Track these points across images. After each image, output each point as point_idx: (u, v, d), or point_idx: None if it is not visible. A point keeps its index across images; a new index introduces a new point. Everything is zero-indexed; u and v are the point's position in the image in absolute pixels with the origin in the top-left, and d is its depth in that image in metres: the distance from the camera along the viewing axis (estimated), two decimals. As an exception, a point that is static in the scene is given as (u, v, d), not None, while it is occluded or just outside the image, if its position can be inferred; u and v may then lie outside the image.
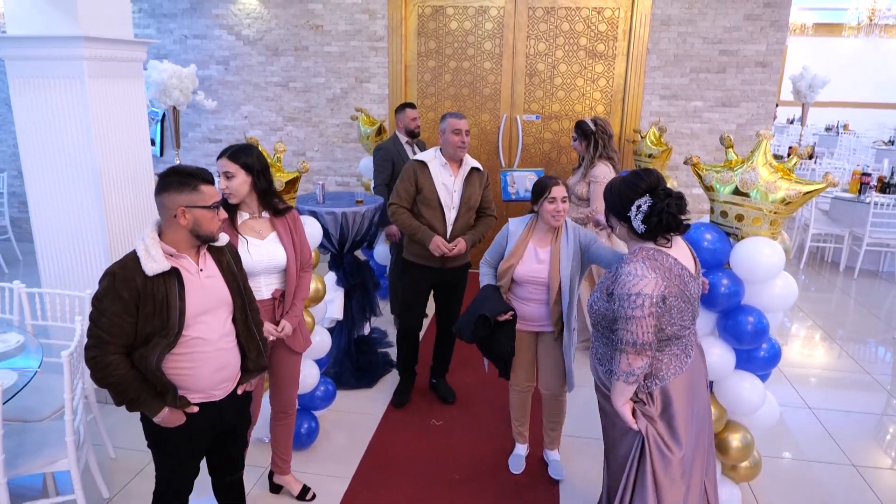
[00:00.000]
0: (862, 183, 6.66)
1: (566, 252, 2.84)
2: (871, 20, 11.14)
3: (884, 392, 4.21)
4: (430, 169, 3.46)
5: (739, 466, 2.85)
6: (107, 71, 3.32)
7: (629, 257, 2.15)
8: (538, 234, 2.91)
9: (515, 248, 2.90)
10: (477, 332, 2.84)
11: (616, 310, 2.12)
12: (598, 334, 2.33)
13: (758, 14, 5.42)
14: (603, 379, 2.32)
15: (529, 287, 2.91)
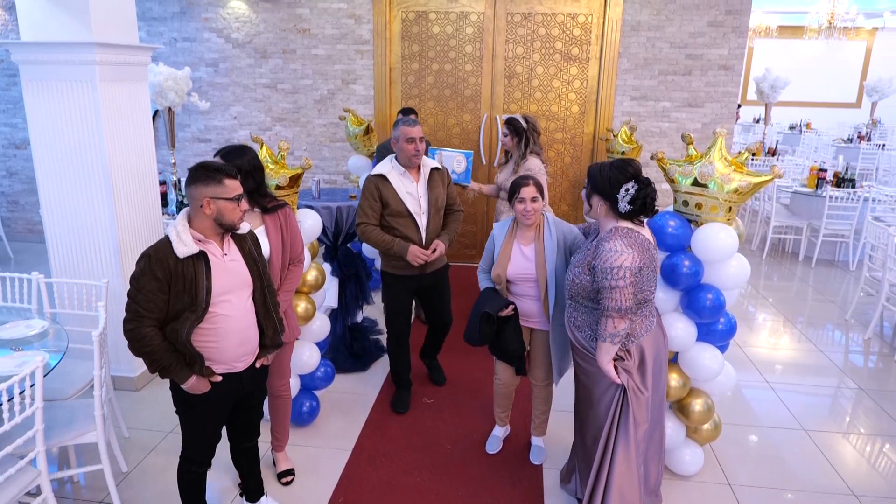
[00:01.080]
0: (819, 178, 7.10)
1: (550, 246, 2.95)
2: (831, 23, 11.64)
3: (837, 370, 4.59)
4: (391, 181, 3.44)
5: (701, 429, 3.19)
6: (116, 75, 3.54)
7: (608, 235, 2.47)
8: (521, 232, 3.02)
9: (503, 250, 3.02)
10: (483, 330, 2.94)
11: (599, 281, 2.44)
12: (577, 305, 2.65)
13: (720, 20, 5.79)
14: (584, 343, 2.64)
15: (523, 285, 3.03)
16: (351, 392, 4.03)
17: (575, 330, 2.69)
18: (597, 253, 2.47)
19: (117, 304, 3.54)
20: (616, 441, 2.60)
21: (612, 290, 2.41)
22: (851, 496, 3.17)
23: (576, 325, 2.68)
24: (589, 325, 2.61)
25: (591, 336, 2.61)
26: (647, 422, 2.64)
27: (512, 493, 3.09)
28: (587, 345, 2.63)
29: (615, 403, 2.60)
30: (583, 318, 2.64)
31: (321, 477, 3.18)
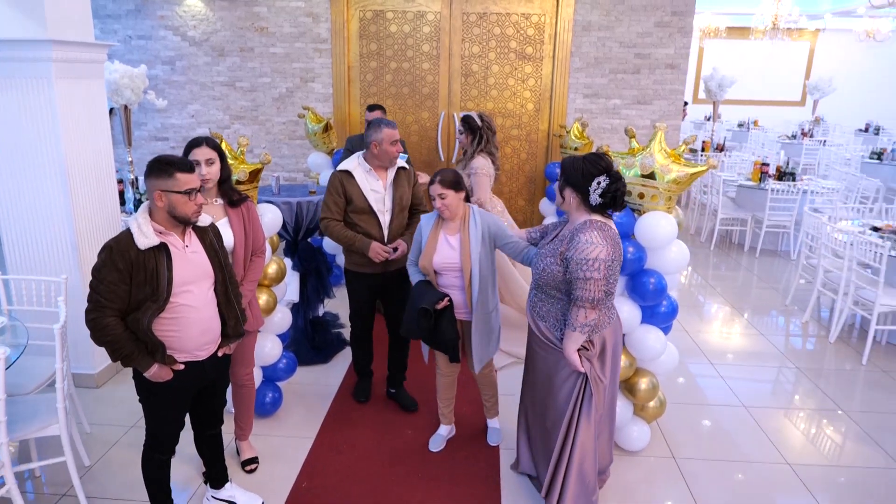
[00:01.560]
0: (762, 172, 7.44)
1: (475, 236, 3.02)
2: (775, 25, 12.12)
3: (777, 353, 4.87)
4: (356, 177, 3.44)
5: (648, 406, 3.38)
6: (72, 72, 3.55)
7: (582, 227, 2.53)
8: (447, 224, 3.10)
9: (429, 241, 3.08)
10: (422, 325, 3.00)
11: (573, 272, 2.49)
12: (544, 295, 2.72)
13: (667, 21, 6.04)
14: (546, 333, 2.73)
15: (448, 275, 3.09)
16: (313, 383, 4.11)
17: (538, 319, 2.77)
18: (571, 244, 2.51)
19: (76, 301, 3.56)
20: (577, 427, 2.71)
21: (587, 282, 2.47)
22: (785, 465, 3.40)
23: (539, 314, 2.76)
24: (554, 314, 2.69)
25: (556, 325, 2.70)
26: (603, 408, 2.78)
27: (469, 472, 3.23)
28: (550, 334, 2.72)
29: (577, 391, 2.69)
30: (548, 308, 2.71)
31: (285, 464, 3.27)
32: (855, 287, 4.84)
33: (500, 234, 3.07)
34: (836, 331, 5.03)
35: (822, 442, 3.67)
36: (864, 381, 4.41)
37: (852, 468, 3.40)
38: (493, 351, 3.25)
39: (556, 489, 2.77)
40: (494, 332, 3.23)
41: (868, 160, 9.60)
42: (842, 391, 4.24)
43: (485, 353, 3.21)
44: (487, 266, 3.08)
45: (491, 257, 3.11)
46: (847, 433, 3.74)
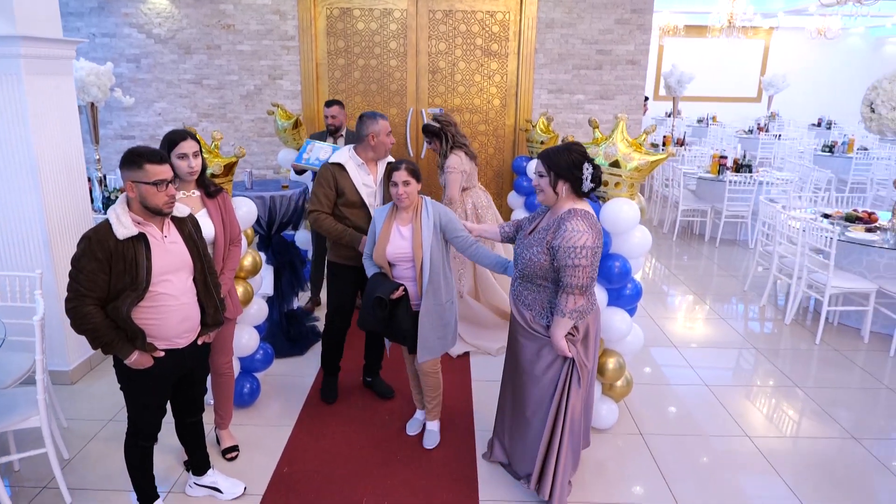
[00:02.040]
0: (720, 165, 7.72)
1: (426, 226, 3.04)
2: (731, 23, 12.50)
3: (737, 335, 5.09)
4: (349, 170, 3.46)
5: (616, 385, 3.53)
6: (41, 68, 3.55)
7: (567, 216, 2.60)
8: (400, 214, 3.11)
9: (382, 232, 3.09)
10: (377, 315, 3.01)
11: (561, 259, 2.56)
12: (528, 284, 2.79)
13: (626, 18, 6.23)
14: (530, 321, 2.80)
15: (401, 266, 3.11)
16: (290, 375, 4.17)
17: (523, 308, 2.83)
18: (558, 233, 2.59)
19: (49, 297, 3.56)
20: (566, 412, 2.80)
21: (576, 269, 2.54)
22: (746, 438, 3.58)
23: (525, 303, 2.82)
24: (540, 303, 2.76)
25: (541, 314, 2.77)
26: (587, 392, 2.90)
27: (446, 453, 3.33)
28: (535, 323, 2.79)
29: (563, 376, 2.77)
30: (533, 297, 2.78)
31: (265, 452, 3.32)
32: (808, 271, 5.09)
33: (450, 226, 3.10)
34: (792, 313, 5.28)
35: (780, 417, 3.87)
36: (818, 360, 4.65)
37: (809, 439, 3.60)
38: (445, 346, 3.21)
39: (549, 474, 2.84)
40: (449, 327, 3.19)
41: (820, 153, 10.00)
42: (798, 370, 4.47)
43: (433, 345, 3.16)
44: (439, 256, 3.09)
45: (443, 248, 3.13)
46: (803, 408, 3.95)
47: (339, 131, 5.10)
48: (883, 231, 5.14)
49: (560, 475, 2.84)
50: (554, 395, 2.81)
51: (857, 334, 5.05)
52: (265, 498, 2.97)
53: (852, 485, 3.20)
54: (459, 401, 3.87)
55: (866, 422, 3.79)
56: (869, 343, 4.90)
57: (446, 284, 3.14)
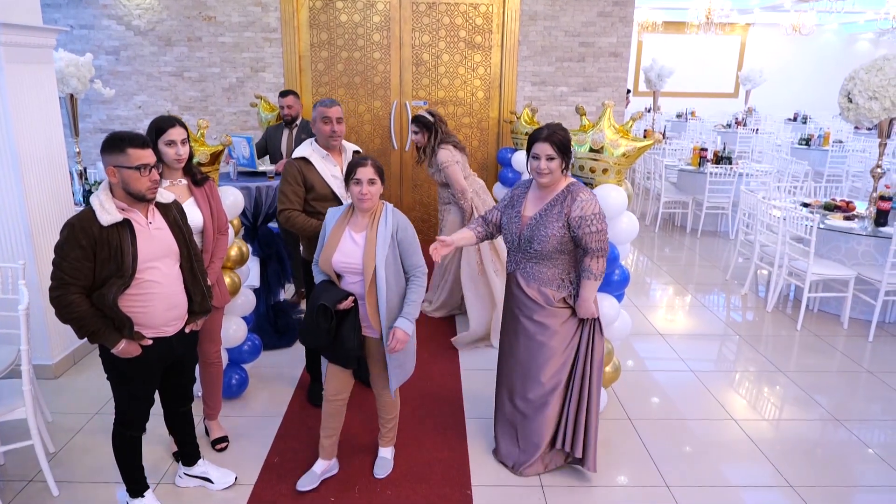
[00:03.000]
0: (701, 157, 7.81)
1: (383, 236, 2.65)
2: (708, 18, 12.65)
3: (720, 322, 5.16)
4: (314, 163, 3.33)
5: (604, 371, 3.55)
6: (21, 56, 3.48)
7: (573, 189, 2.78)
8: (355, 219, 2.73)
9: (332, 235, 2.71)
10: (321, 326, 2.62)
11: (584, 228, 2.74)
12: (547, 261, 2.86)
13: (608, 11, 6.28)
14: (549, 296, 2.89)
15: (348, 279, 2.72)
16: (278, 366, 4.14)
17: (543, 287, 2.89)
18: (574, 204, 2.75)
19: (31, 290, 3.49)
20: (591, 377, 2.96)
21: (599, 233, 2.75)
22: (731, 421, 3.64)
23: (542, 280, 2.89)
24: (558, 276, 2.88)
25: (561, 286, 2.89)
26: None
27: (437, 440, 3.34)
28: (551, 297, 2.89)
29: (586, 338, 2.94)
30: (552, 272, 2.88)
31: (255, 441, 3.30)
32: (789, 259, 5.17)
33: (406, 243, 2.71)
34: (773, 301, 5.37)
35: (763, 400, 3.94)
36: (799, 345, 4.73)
37: (792, 422, 3.67)
38: (405, 373, 2.90)
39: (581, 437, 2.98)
40: (408, 353, 2.86)
41: (797, 146, 10.17)
42: (780, 355, 4.54)
43: (403, 373, 2.89)
44: (394, 273, 2.70)
45: (399, 264, 2.73)
46: (786, 392, 4.02)
47: (294, 121, 5.12)
48: (861, 219, 5.24)
49: (593, 430, 2.99)
50: (577, 361, 2.96)
51: (837, 320, 5.15)
52: (256, 487, 2.95)
53: (835, 465, 3.26)
54: (450, 388, 3.88)
55: (847, 405, 3.87)
56: (848, 329, 5.00)
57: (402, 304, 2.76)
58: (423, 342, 4.52)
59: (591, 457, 3.00)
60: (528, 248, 2.88)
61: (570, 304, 2.92)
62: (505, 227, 3.02)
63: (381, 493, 2.92)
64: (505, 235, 3.03)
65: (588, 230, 2.74)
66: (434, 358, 4.29)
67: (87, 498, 2.87)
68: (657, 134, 3.23)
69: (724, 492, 3.03)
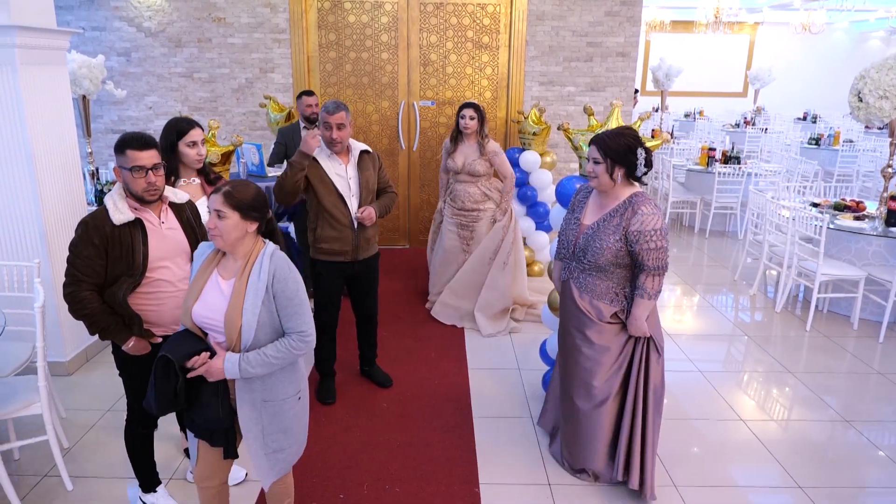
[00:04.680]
0: (709, 157, 7.79)
1: (255, 287, 2.06)
2: (717, 17, 12.60)
3: (729, 323, 5.16)
4: (320, 161, 3.38)
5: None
6: (36, 59, 3.53)
7: (637, 200, 2.63)
8: (225, 261, 2.16)
9: (196, 279, 2.17)
10: (160, 387, 2.06)
11: (641, 244, 2.59)
12: (600, 273, 2.74)
13: (616, 11, 6.28)
14: (605, 314, 2.76)
15: (213, 336, 2.17)
16: (287, 365, 4.17)
17: (595, 300, 2.79)
18: (634, 218, 2.61)
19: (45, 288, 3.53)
20: (646, 389, 2.81)
21: (657, 251, 2.60)
22: (740, 421, 3.64)
23: (596, 293, 2.78)
24: (613, 290, 2.76)
25: (614, 300, 2.76)
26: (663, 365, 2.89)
27: (444, 438, 3.36)
28: (603, 311, 2.77)
29: (639, 357, 2.79)
30: (605, 285, 2.76)
31: (265, 439, 3.33)
32: (798, 259, 5.16)
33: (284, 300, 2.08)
34: (782, 301, 5.35)
35: (772, 400, 3.94)
36: (808, 346, 4.72)
37: (802, 423, 3.67)
38: (286, 461, 2.27)
39: (637, 460, 2.84)
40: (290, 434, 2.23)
41: (807, 145, 10.13)
42: (788, 356, 4.54)
43: (261, 462, 2.22)
44: (271, 336, 2.11)
45: (275, 328, 2.12)
46: (795, 392, 4.02)
47: (317, 121, 5.14)
48: (871, 219, 5.22)
49: (649, 458, 2.85)
50: (629, 382, 2.82)
51: (847, 321, 5.13)
52: (267, 484, 2.98)
53: (844, 467, 3.26)
54: (457, 387, 3.90)
55: (857, 406, 3.86)
56: (858, 329, 4.98)
57: (280, 372, 2.16)
58: (431, 340, 4.56)
59: (648, 487, 2.86)
60: (581, 258, 2.78)
61: (622, 320, 2.80)
62: (562, 232, 2.92)
63: (389, 491, 2.94)
64: (560, 241, 2.93)
65: (646, 246, 2.60)
66: (441, 356, 4.31)
67: (101, 492, 2.91)
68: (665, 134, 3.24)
69: (733, 492, 3.04)
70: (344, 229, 3.46)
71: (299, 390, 2.25)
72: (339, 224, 3.45)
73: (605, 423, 2.90)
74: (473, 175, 4.72)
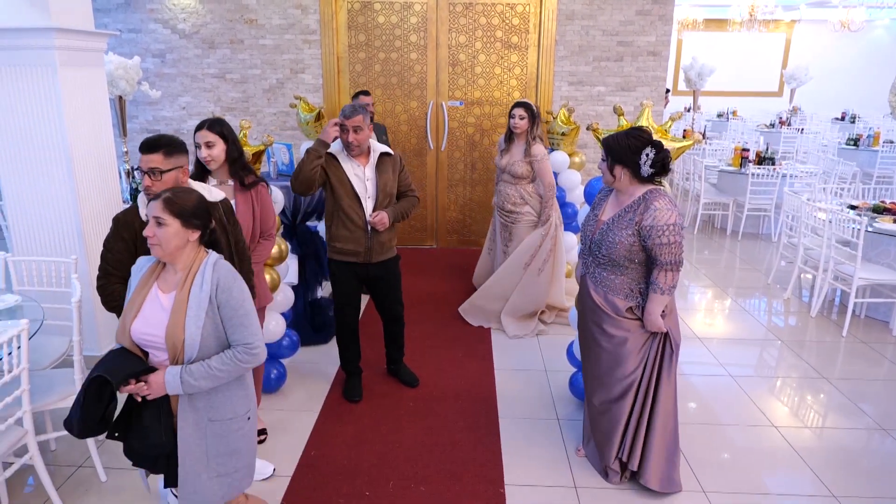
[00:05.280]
0: (742, 157, 7.65)
1: (197, 297, 1.97)
2: (752, 15, 12.37)
3: (761, 327, 5.06)
4: (340, 161, 3.37)
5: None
6: (74, 60, 3.63)
7: (651, 196, 2.66)
8: (166, 273, 2.06)
9: (134, 295, 2.04)
10: (89, 410, 1.92)
11: (654, 238, 2.63)
12: (615, 268, 2.77)
13: (647, 9, 6.20)
14: (621, 309, 2.80)
15: (154, 355, 2.04)
16: (314, 362, 4.22)
17: (611, 295, 2.82)
18: (647, 213, 2.64)
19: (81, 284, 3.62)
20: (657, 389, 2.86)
21: (671, 246, 2.63)
22: (772, 427, 3.57)
23: (611, 288, 2.82)
24: (627, 285, 2.79)
25: (629, 295, 2.79)
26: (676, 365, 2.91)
27: (470, 438, 3.36)
28: (619, 306, 2.80)
29: (655, 354, 2.82)
30: (620, 280, 2.79)
31: (293, 435, 3.37)
32: (834, 263, 5.03)
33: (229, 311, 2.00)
34: (817, 306, 5.23)
35: (806, 407, 3.85)
36: (844, 352, 4.61)
37: (836, 430, 3.58)
38: (232, 487, 2.12)
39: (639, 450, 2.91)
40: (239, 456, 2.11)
41: (845, 146, 9.87)
42: (823, 361, 4.43)
43: (204, 487, 2.05)
44: (214, 347, 2.00)
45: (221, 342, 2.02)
46: (829, 399, 3.92)
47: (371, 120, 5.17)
48: (911, 222, 5.07)
49: (655, 447, 2.89)
50: (644, 374, 2.86)
51: (886, 327, 4.99)
52: (294, 479, 3.01)
53: (881, 476, 3.17)
54: (483, 387, 3.89)
55: (895, 414, 3.75)
56: (896, 335, 4.85)
57: (228, 389, 2.06)
58: (458, 340, 4.56)
59: (648, 470, 2.91)
60: (597, 253, 2.82)
61: (639, 316, 2.82)
62: (582, 228, 3.00)
63: (414, 490, 2.95)
64: (581, 238, 3.01)
65: (658, 241, 2.63)
66: (468, 356, 4.31)
67: (133, 483, 2.97)
68: (697, 134, 3.20)
69: (763, 499, 2.98)
70: (357, 230, 3.43)
71: (249, 409, 2.13)
72: (352, 225, 3.42)
73: (622, 418, 2.92)
74: (514, 176, 4.67)
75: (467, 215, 6.79)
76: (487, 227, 5.46)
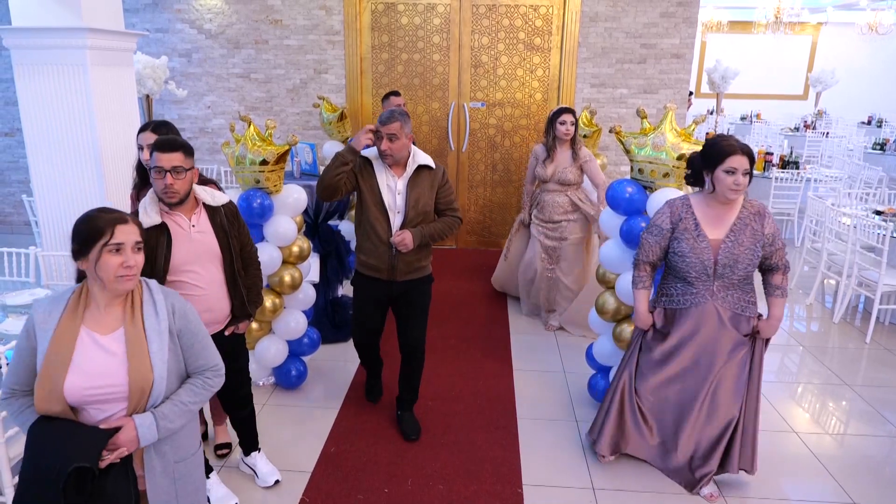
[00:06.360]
0: (766, 161, 7.57)
1: (155, 329, 1.75)
2: (777, 18, 12.22)
3: (783, 333, 5.00)
4: (374, 167, 3.08)
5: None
6: (105, 59, 3.71)
7: (759, 206, 2.72)
8: (93, 312, 1.74)
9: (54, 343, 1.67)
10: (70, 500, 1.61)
11: (775, 244, 2.72)
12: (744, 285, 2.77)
13: (672, 12, 6.17)
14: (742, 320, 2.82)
15: (102, 408, 1.72)
16: (334, 359, 4.26)
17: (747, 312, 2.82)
18: (766, 222, 2.71)
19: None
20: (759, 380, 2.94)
21: (783, 248, 2.76)
22: (793, 433, 3.54)
23: (742, 306, 2.81)
24: (746, 299, 2.80)
25: (746, 307, 2.80)
26: None
27: (488, 437, 3.38)
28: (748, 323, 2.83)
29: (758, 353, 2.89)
30: (748, 297, 2.81)
31: (312, 432, 3.41)
32: (858, 269, 4.97)
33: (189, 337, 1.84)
34: (840, 312, 5.16)
35: (827, 413, 3.81)
36: (867, 359, 4.55)
37: (858, 437, 3.54)
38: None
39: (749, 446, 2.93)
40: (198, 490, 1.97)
41: (871, 150, 9.72)
42: (846, 368, 4.38)
43: None
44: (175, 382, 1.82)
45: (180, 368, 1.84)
46: (852, 406, 3.88)
47: None
48: (938, 228, 4.99)
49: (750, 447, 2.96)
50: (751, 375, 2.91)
51: (910, 334, 4.93)
52: (313, 475, 3.05)
53: (904, 483, 3.14)
54: (501, 387, 3.91)
55: (919, 421, 3.70)
56: (922, 343, 4.77)
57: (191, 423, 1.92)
58: (475, 340, 4.58)
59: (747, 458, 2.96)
60: (730, 275, 2.72)
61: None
62: (686, 255, 2.75)
63: (433, 488, 2.97)
64: (689, 265, 2.76)
65: (778, 246, 2.74)
66: (486, 357, 4.33)
67: None
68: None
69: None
70: (380, 245, 3.08)
71: (199, 437, 2.00)
72: (377, 239, 3.08)
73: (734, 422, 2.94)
74: (563, 184, 4.59)
75: (487, 216, 6.81)
76: (508, 229, 5.45)
